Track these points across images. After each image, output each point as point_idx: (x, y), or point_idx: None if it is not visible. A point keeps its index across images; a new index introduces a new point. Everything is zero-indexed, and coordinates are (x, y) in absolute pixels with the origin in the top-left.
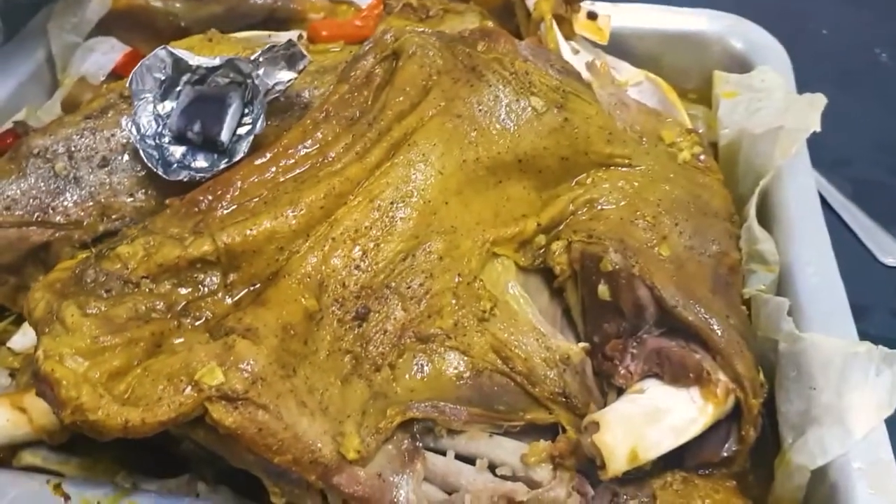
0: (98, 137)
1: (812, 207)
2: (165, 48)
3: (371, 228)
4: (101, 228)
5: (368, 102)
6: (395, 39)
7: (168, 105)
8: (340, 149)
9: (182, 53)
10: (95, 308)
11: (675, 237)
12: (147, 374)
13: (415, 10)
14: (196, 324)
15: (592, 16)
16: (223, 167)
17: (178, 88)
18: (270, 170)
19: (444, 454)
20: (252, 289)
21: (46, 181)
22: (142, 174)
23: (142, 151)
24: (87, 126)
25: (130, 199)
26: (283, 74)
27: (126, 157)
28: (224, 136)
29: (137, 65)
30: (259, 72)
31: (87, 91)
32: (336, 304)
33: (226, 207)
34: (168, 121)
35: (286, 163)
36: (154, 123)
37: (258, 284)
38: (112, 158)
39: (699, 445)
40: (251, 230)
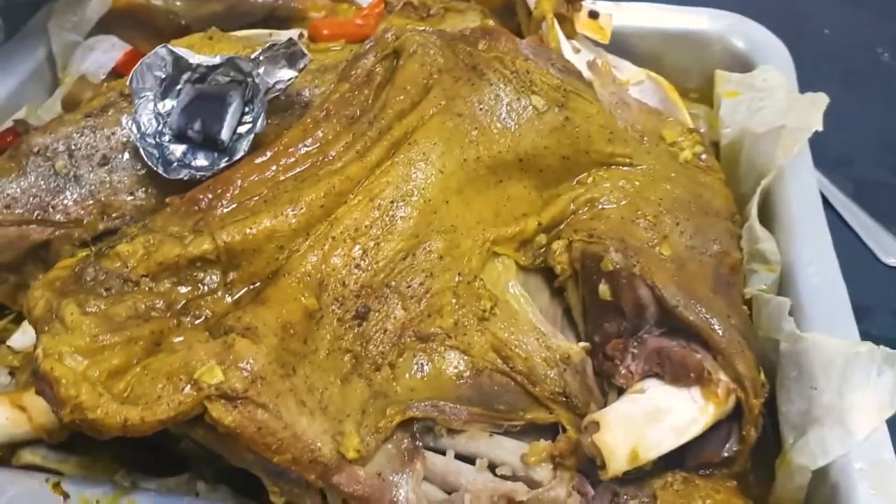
0: (98, 136)
1: (814, 207)
2: (166, 46)
3: (371, 227)
4: (102, 227)
5: (369, 101)
6: (396, 38)
7: (168, 103)
8: (341, 147)
9: (182, 52)
10: (95, 306)
11: (677, 237)
12: (146, 373)
13: (416, 9)
14: (196, 322)
15: (594, 14)
16: (223, 166)
17: (179, 87)
18: (271, 168)
19: (444, 454)
20: (252, 287)
21: (46, 179)
22: (142, 173)
23: (142, 150)
24: (88, 124)
25: (130, 198)
26: (284, 73)
27: (126, 156)
28: (224, 135)
29: (138, 63)
30: (259, 70)
31: (88, 89)
32: (336, 303)
33: (226, 206)
34: (168, 119)
35: (286, 161)
36: (154, 122)
37: (258, 283)
38: (112, 157)
39: (700, 445)
40: (251, 229)
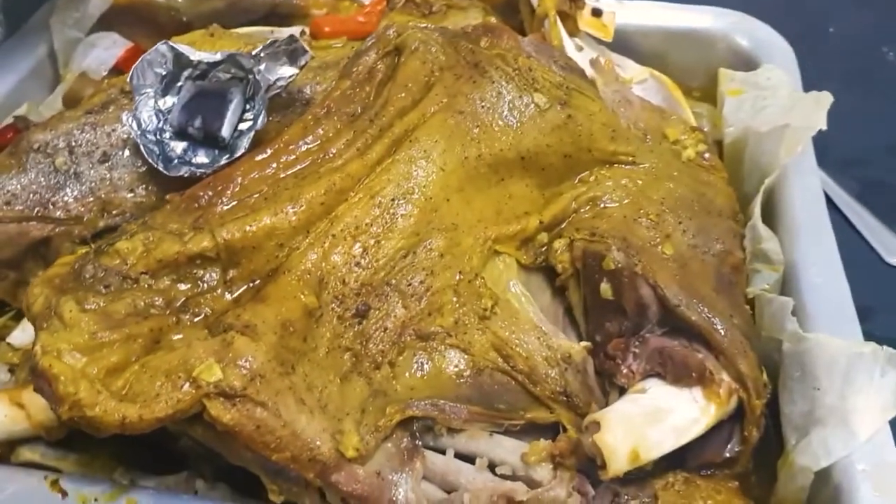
0: (99, 132)
1: (817, 207)
2: (167, 43)
3: (372, 225)
4: (102, 224)
5: (370, 98)
6: (398, 35)
7: (169, 100)
8: (342, 145)
9: (183, 48)
10: (94, 304)
11: (679, 236)
12: (145, 371)
13: (418, 6)
14: (195, 320)
15: (597, 12)
16: (224, 163)
17: (180, 84)
18: (271, 166)
19: (444, 453)
20: (251, 285)
21: (47, 176)
22: (142, 170)
23: (142, 147)
24: (88, 121)
25: (131, 195)
26: (285, 70)
27: (127, 153)
28: (225, 132)
29: (139, 60)
30: (260, 67)
31: (89, 86)
32: (336, 301)
33: (226, 203)
34: (169, 116)
35: (287, 159)
36: (155, 119)
37: (258, 281)
38: (113, 154)
39: (701, 446)
40: (251, 226)
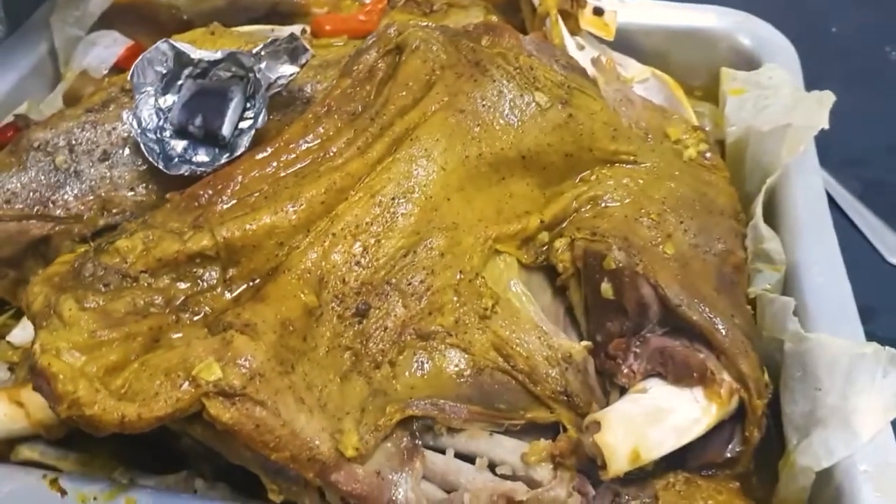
0: (99, 131)
1: (819, 206)
2: (167, 41)
3: (372, 224)
4: (102, 222)
5: (371, 97)
6: (399, 34)
7: (169, 99)
8: (342, 143)
9: (184, 47)
10: (93, 302)
11: (680, 235)
12: (144, 369)
13: (419, 5)
14: (194, 319)
15: (598, 11)
16: (224, 161)
17: (180, 82)
18: (271, 164)
19: (444, 452)
20: (251, 284)
21: (47, 174)
22: (142, 168)
23: (143, 145)
24: (88, 119)
25: (131, 194)
26: (286, 68)
27: (127, 151)
28: (225, 131)
29: (139, 58)
30: (261, 66)
31: (89, 84)
32: (336, 301)
33: (226, 202)
34: (169, 114)
35: (287, 157)
36: (155, 117)
37: (257, 280)
38: (113, 152)
39: (702, 446)
40: (251, 225)
